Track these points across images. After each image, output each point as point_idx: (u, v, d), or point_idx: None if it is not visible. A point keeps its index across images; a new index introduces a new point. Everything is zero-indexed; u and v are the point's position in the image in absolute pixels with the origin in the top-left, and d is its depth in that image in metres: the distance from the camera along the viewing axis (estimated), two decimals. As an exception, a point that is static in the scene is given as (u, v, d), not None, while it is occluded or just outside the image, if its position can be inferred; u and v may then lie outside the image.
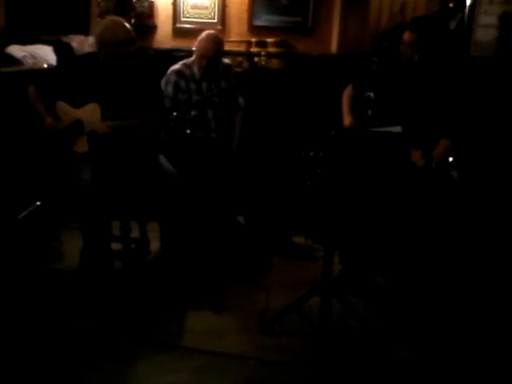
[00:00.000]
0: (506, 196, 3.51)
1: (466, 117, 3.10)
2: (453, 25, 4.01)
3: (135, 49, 2.91)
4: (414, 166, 2.98)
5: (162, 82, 3.45)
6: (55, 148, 2.96)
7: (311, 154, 2.49)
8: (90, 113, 2.87)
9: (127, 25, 2.89)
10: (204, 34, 3.43)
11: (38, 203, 3.53)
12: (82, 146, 2.89)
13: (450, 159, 3.01)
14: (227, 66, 3.64)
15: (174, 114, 2.95)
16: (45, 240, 3.43)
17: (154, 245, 3.31)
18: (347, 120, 3.22)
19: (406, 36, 3.05)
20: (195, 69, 3.47)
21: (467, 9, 3.90)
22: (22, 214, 3.36)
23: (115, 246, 3.13)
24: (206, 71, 3.45)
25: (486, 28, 3.79)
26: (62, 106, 2.93)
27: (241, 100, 3.69)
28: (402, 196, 2.84)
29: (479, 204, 3.37)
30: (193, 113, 3.08)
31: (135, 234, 3.27)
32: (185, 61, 3.53)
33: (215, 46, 3.40)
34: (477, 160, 3.55)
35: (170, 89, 3.45)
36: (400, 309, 2.94)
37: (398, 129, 2.53)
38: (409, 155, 3.00)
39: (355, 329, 2.71)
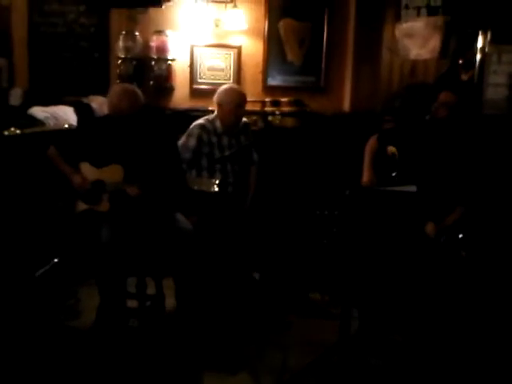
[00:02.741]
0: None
1: (482, 183, 3.10)
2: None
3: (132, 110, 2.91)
4: (426, 236, 2.98)
5: (183, 136, 3.55)
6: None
7: (326, 212, 2.52)
8: (112, 173, 2.96)
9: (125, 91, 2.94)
10: (230, 87, 3.60)
11: (56, 260, 3.57)
12: (103, 205, 2.98)
13: (460, 235, 3.00)
14: (245, 122, 3.75)
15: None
16: (61, 297, 3.44)
17: (170, 301, 3.30)
18: (366, 177, 3.22)
19: (445, 96, 3.09)
20: (217, 123, 3.58)
21: (477, 65, 3.96)
22: (40, 272, 3.40)
23: (131, 303, 3.14)
24: (235, 124, 3.57)
25: (496, 87, 3.86)
26: (85, 167, 3.02)
27: (255, 155, 3.80)
28: (413, 260, 2.84)
29: (483, 281, 3.30)
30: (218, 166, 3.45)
31: (150, 290, 3.27)
32: (207, 117, 3.65)
33: (245, 96, 3.60)
34: (486, 237, 3.49)
35: (193, 141, 3.53)
36: (418, 366, 2.88)
37: (412, 188, 2.56)
38: (423, 224, 3.00)
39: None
